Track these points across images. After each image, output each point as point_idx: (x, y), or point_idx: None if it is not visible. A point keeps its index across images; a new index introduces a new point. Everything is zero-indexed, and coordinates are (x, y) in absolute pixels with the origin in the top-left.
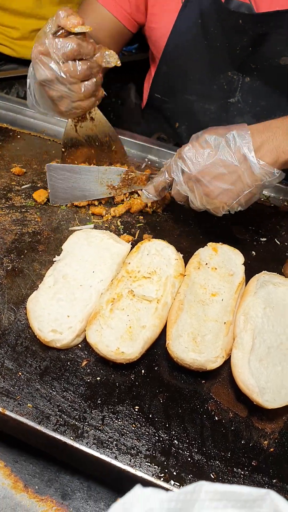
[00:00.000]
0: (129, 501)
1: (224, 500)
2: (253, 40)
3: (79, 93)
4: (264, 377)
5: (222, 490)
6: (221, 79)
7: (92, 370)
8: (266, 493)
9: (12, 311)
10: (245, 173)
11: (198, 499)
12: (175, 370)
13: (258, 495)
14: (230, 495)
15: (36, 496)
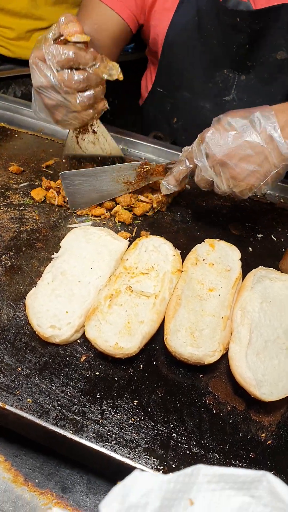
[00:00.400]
0: (128, 483)
1: (221, 482)
2: (250, 37)
3: (75, 104)
4: (261, 371)
5: (219, 472)
6: (217, 76)
7: (91, 365)
8: (263, 474)
9: (11, 307)
10: (272, 154)
11: (196, 481)
12: (173, 365)
13: (254, 476)
14: (228, 477)
15: (36, 489)
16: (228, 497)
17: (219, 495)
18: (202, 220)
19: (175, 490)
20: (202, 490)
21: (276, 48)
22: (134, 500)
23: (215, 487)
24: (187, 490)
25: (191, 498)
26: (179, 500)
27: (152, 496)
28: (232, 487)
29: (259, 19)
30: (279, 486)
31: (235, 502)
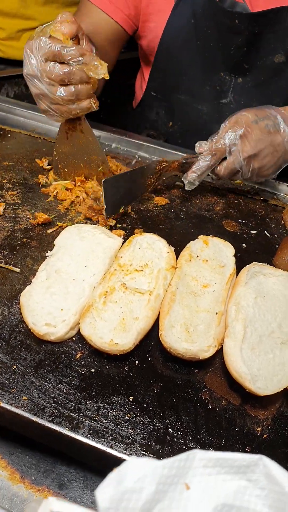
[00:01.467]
0: (123, 469)
1: (217, 467)
2: (248, 39)
3: (55, 96)
4: (256, 365)
5: (215, 457)
6: (214, 79)
7: (86, 362)
8: (259, 458)
9: (6, 306)
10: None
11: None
12: (168, 361)
13: (251, 460)
14: (224, 462)
15: (33, 486)
16: (224, 481)
17: (215, 479)
18: (196, 217)
19: (171, 475)
20: (197, 475)
21: (274, 51)
22: (129, 485)
23: (211, 472)
24: (183, 475)
25: (187, 483)
26: (175, 485)
27: (147, 480)
28: (228, 471)
29: (257, 22)
30: (276, 469)
31: (231, 486)
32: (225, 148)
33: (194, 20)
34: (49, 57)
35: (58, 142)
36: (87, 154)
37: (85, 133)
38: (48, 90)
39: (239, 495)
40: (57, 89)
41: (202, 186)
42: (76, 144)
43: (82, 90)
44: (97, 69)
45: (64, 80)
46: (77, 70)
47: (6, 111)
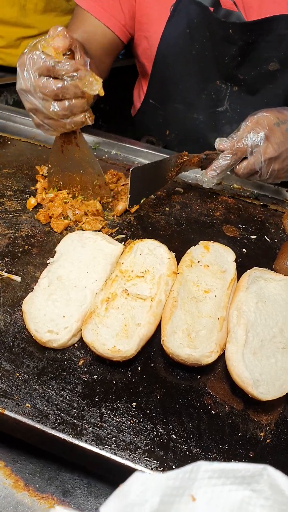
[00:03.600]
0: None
1: (222, 478)
2: (242, 49)
3: (49, 111)
4: (258, 370)
5: (220, 468)
6: (210, 88)
7: (89, 369)
8: (263, 468)
9: (8, 313)
10: None
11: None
12: (171, 366)
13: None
14: (228, 472)
15: (37, 494)
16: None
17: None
18: (196, 222)
19: (175, 487)
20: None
21: (268, 59)
22: (132, 498)
23: (216, 482)
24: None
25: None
26: (180, 496)
27: (150, 493)
28: (233, 481)
29: (251, 31)
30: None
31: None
32: (246, 148)
33: (189, 30)
34: (43, 72)
35: (53, 155)
36: (83, 167)
37: (80, 147)
38: (42, 105)
39: (244, 506)
40: (51, 104)
41: (202, 192)
42: (71, 158)
43: (76, 105)
44: (91, 85)
45: (58, 95)
46: (71, 85)
47: (5, 118)
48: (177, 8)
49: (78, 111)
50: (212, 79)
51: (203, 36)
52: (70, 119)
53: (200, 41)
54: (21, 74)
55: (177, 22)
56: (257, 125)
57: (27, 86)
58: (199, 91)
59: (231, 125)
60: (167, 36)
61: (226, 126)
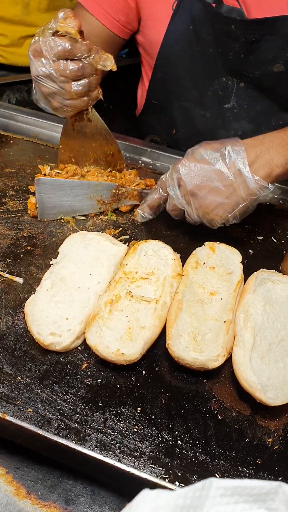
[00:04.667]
0: (135, 503)
1: (235, 495)
2: (245, 47)
3: (70, 92)
4: (266, 374)
5: (232, 485)
6: (216, 85)
7: (92, 373)
8: (278, 485)
9: (10, 315)
10: (240, 187)
11: (208, 496)
12: (176, 370)
13: (270, 488)
14: (241, 490)
15: (39, 502)
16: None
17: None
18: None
19: (185, 506)
20: (215, 504)
21: (273, 60)
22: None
23: (229, 501)
24: (200, 505)
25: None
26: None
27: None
28: (247, 500)
29: (253, 30)
30: None
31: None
32: (165, 182)
33: (193, 26)
34: (61, 56)
35: (65, 135)
36: (95, 140)
37: (92, 121)
38: (61, 87)
39: None
40: (70, 85)
41: None
42: (83, 133)
43: (92, 82)
44: (105, 61)
45: (78, 75)
46: (87, 64)
47: (8, 117)
48: (180, 6)
49: (94, 88)
50: (218, 76)
51: (207, 32)
52: (87, 97)
53: (204, 38)
54: (37, 61)
55: (180, 20)
56: (185, 156)
57: (44, 72)
58: (205, 88)
59: (239, 122)
60: (171, 33)
61: (234, 122)
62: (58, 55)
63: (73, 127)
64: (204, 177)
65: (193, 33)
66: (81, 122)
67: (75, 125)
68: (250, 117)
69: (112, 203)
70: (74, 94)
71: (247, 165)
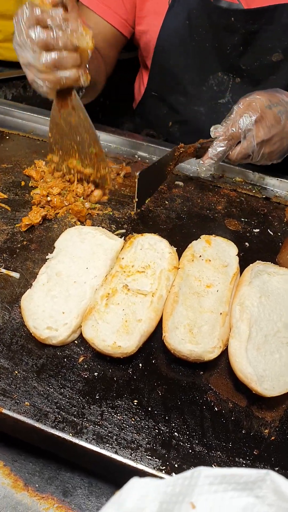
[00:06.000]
0: (125, 491)
1: (224, 484)
2: (244, 38)
3: (40, 63)
4: (262, 365)
5: (221, 473)
6: (211, 80)
7: (89, 366)
8: (266, 473)
9: (6, 310)
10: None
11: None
12: (172, 363)
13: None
14: (230, 478)
15: (37, 494)
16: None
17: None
18: (197, 216)
19: (175, 493)
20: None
21: (272, 50)
22: (130, 505)
23: (218, 489)
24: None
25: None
26: (180, 503)
27: (149, 499)
28: (235, 488)
29: (254, 19)
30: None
31: (239, 503)
32: (240, 133)
33: (189, 21)
34: (33, 22)
35: (52, 121)
36: (79, 133)
37: (76, 110)
38: (33, 57)
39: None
40: (40, 55)
41: (203, 185)
42: (68, 123)
43: (67, 58)
44: (81, 36)
45: (48, 45)
46: (61, 36)
47: (4, 113)
48: (176, 0)
49: (69, 65)
50: (213, 71)
51: (203, 26)
52: (61, 72)
53: (200, 32)
54: (16, 28)
55: (176, 14)
56: (249, 108)
57: (20, 40)
58: (200, 82)
59: None
60: (167, 28)
61: None
62: (29, 22)
63: (59, 114)
64: (274, 127)
65: (188, 27)
66: (66, 109)
67: (62, 112)
68: None
69: (173, 165)
70: (43, 66)
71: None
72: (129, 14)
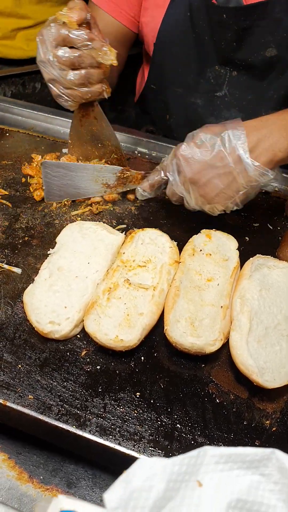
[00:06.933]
0: (132, 470)
1: (229, 462)
2: (237, 34)
3: (67, 80)
4: (263, 357)
5: (227, 452)
6: (208, 72)
7: (91, 359)
8: (272, 452)
9: (9, 305)
10: (240, 175)
11: (203, 463)
12: (174, 356)
13: (263, 454)
14: (236, 457)
15: (42, 486)
16: (237, 476)
17: (227, 475)
18: (197, 211)
19: (181, 472)
20: (209, 471)
21: (265, 45)
22: (138, 484)
23: (223, 468)
24: (194, 472)
25: (199, 480)
26: (186, 482)
27: (157, 479)
28: (241, 466)
29: (246, 16)
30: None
31: (244, 481)
32: (166, 166)
33: (190, 13)
34: (59, 42)
35: (73, 129)
36: (100, 140)
37: (98, 119)
38: (59, 74)
39: (253, 490)
40: (67, 73)
41: None
42: (89, 131)
43: (93, 74)
44: (105, 55)
45: (75, 64)
46: (86, 54)
47: (4, 110)
48: None
49: (94, 81)
50: (211, 64)
51: (203, 20)
52: (87, 88)
53: (200, 25)
54: (40, 46)
55: (178, 6)
56: (187, 139)
57: (45, 57)
58: (198, 75)
59: (229, 110)
60: (169, 19)
61: (225, 111)
62: (56, 41)
63: (80, 123)
64: (204, 164)
65: (189, 20)
66: (87, 119)
67: (83, 121)
68: (240, 106)
69: (117, 187)
70: (71, 83)
71: (247, 151)
72: (135, 10)
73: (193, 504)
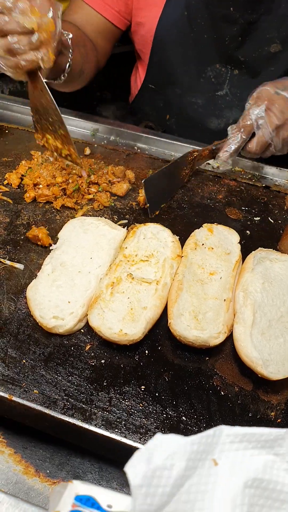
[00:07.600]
0: (152, 446)
1: (244, 442)
2: (243, 29)
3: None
4: (267, 350)
5: (242, 432)
6: (209, 71)
7: (96, 354)
8: (286, 432)
9: (12, 301)
10: None
11: (219, 442)
12: (178, 349)
13: (277, 434)
14: (251, 437)
15: (48, 479)
16: (252, 456)
17: (242, 455)
18: (199, 206)
19: (199, 451)
20: (225, 450)
21: (270, 40)
22: (159, 462)
23: (238, 447)
24: (211, 451)
25: (215, 459)
26: (203, 461)
27: (177, 457)
28: (256, 446)
29: (253, 10)
30: None
31: (259, 460)
32: (252, 123)
33: (187, 12)
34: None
35: (30, 101)
36: (49, 114)
37: (43, 92)
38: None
39: (268, 470)
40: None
41: (204, 175)
42: (41, 104)
43: (21, 41)
44: (38, 18)
45: (1, 31)
46: (12, 19)
47: (3, 107)
48: None
49: (26, 48)
50: (211, 62)
51: (202, 18)
52: (20, 56)
53: (199, 24)
54: None
55: (175, 5)
56: (257, 99)
57: None
58: (198, 74)
59: (231, 109)
60: (165, 19)
61: (226, 110)
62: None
63: (33, 95)
64: (286, 108)
65: (187, 18)
66: (36, 91)
67: (35, 93)
68: (242, 105)
69: (189, 171)
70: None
71: None
72: (121, 6)
73: (210, 482)
